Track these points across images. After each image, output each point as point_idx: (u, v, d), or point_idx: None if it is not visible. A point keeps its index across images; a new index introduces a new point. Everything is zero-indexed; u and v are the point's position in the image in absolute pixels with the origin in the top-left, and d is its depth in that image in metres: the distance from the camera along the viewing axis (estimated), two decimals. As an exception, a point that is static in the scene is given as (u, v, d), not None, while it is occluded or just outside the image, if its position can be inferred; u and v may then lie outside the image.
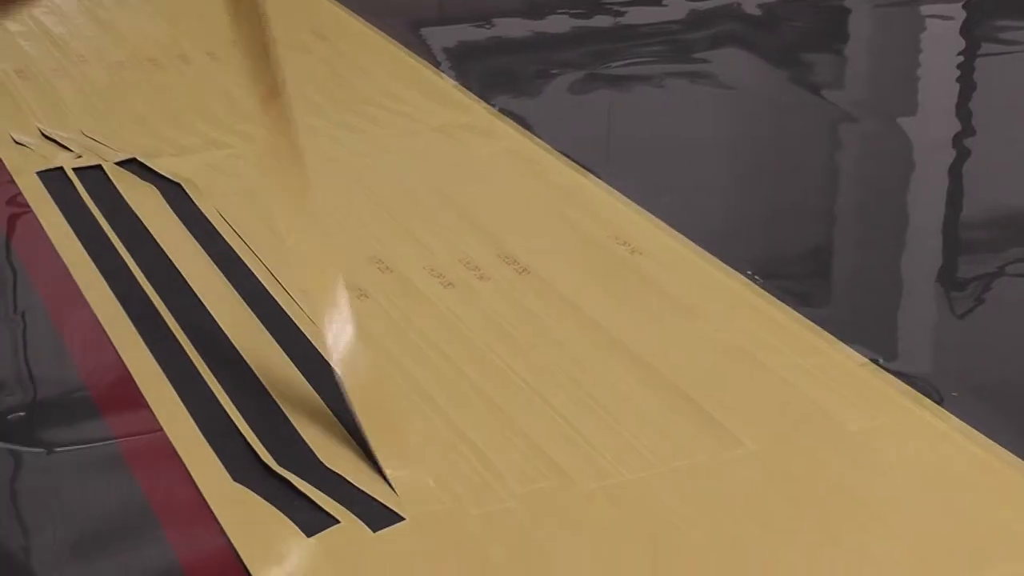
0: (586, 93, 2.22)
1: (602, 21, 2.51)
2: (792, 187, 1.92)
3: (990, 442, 1.28)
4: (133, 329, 1.46)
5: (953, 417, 1.31)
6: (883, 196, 1.91)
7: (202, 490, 1.20)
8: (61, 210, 1.73)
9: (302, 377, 1.37)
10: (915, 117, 2.16)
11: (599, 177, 1.82)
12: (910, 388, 1.36)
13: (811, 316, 1.48)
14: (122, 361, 1.41)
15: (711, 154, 2.01)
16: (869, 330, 1.50)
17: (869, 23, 2.60)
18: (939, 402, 1.34)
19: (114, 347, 1.43)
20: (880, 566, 1.13)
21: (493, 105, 2.06)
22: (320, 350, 1.38)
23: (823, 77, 2.33)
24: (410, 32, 2.40)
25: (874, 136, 2.08)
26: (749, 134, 2.12)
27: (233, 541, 1.15)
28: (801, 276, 1.66)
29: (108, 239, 1.65)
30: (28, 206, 1.75)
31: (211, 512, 1.18)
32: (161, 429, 1.30)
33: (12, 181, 1.82)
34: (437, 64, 2.26)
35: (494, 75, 2.30)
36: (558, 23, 2.50)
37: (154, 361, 1.40)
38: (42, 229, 1.69)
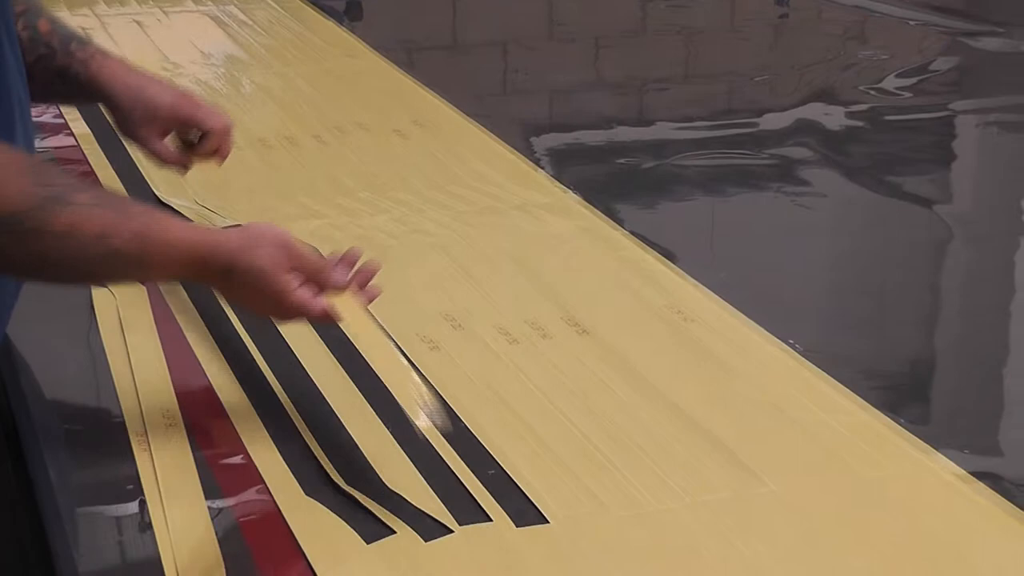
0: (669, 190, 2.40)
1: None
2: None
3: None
4: (226, 364, 1.64)
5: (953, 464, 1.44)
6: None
7: (278, 501, 1.37)
8: (172, 267, 1.93)
9: (375, 415, 1.53)
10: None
11: (670, 260, 1.97)
12: (921, 440, 1.49)
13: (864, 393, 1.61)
14: (216, 393, 1.58)
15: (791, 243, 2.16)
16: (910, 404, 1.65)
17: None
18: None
19: (209, 380, 1.61)
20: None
21: (574, 190, 2.23)
22: (397, 398, 1.55)
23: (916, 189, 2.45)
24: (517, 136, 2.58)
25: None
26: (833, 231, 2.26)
27: (301, 544, 1.30)
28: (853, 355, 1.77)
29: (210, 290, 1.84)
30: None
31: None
32: (248, 454, 1.47)
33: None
34: (529, 155, 2.44)
35: (581, 167, 2.49)
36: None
37: (246, 397, 1.57)
38: (153, 280, 1.89)
